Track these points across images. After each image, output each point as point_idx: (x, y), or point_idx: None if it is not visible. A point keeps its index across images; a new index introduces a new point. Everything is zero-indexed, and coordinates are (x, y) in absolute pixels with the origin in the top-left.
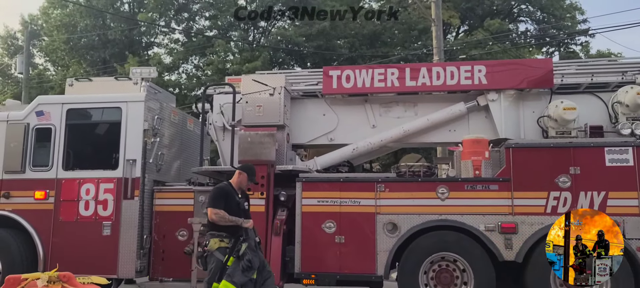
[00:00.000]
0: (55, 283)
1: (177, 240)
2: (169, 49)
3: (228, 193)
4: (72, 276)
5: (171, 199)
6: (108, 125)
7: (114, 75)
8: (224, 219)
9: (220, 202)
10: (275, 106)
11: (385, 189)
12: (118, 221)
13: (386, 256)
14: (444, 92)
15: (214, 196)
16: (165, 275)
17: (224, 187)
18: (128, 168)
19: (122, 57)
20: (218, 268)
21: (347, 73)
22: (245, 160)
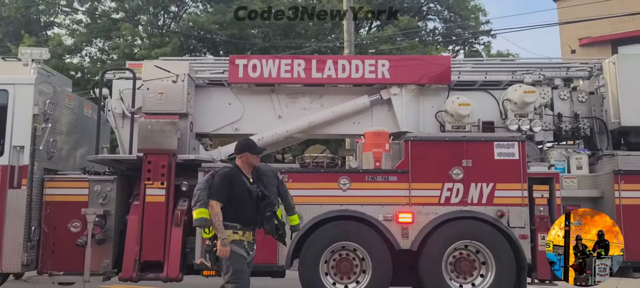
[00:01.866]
0: None
1: (69, 231)
2: (71, 30)
3: (233, 180)
4: None
5: (63, 189)
6: None
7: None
8: (215, 222)
9: (223, 192)
10: (178, 94)
11: (289, 180)
12: (2, 211)
13: (287, 246)
14: (349, 85)
15: (217, 185)
16: (55, 268)
17: (230, 172)
18: (15, 155)
19: (17, 36)
20: (240, 263)
21: (253, 62)
22: (145, 149)
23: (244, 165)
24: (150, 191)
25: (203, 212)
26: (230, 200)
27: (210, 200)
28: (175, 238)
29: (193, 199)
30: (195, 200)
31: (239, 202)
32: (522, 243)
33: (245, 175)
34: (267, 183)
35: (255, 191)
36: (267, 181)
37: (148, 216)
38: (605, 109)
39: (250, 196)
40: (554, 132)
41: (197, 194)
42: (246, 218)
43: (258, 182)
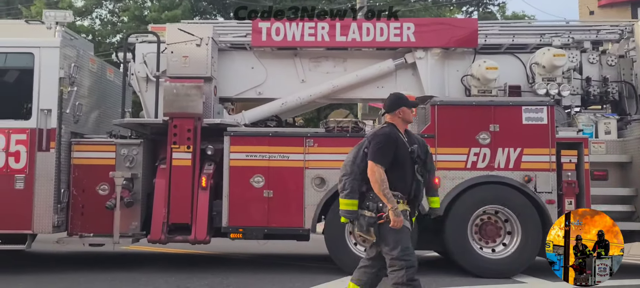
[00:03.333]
0: None
1: (98, 194)
2: None
3: (398, 140)
4: None
5: (91, 152)
6: (18, 72)
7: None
8: (383, 189)
9: (388, 155)
10: (203, 57)
11: (314, 144)
12: (32, 174)
13: (314, 210)
14: (373, 49)
15: (380, 146)
16: (84, 230)
17: (392, 132)
18: (42, 118)
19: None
20: (407, 237)
21: (276, 26)
22: (171, 112)
23: (400, 123)
24: (176, 155)
25: (352, 204)
26: (392, 164)
27: (372, 164)
28: (202, 201)
29: (339, 185)
30: (341, 187)
31: (400, 167)
32: (549, 208)
33: (402, 136)
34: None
35: (416, 153)
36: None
37: (175, 179)
38: (635, 73)
39: (411, 160)
40: (582, 97)
41: (344, 181)
42: (405, 185)
43: (414, 143)
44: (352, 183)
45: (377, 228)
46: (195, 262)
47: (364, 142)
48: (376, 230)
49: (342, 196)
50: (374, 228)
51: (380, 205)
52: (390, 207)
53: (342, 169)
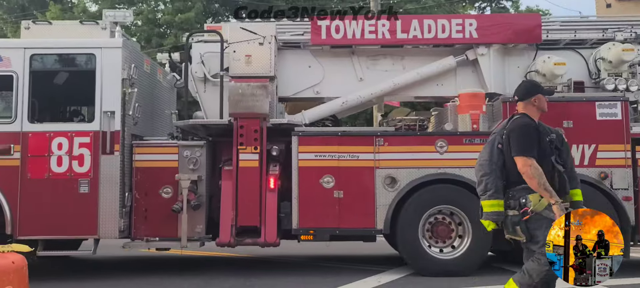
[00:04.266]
0: None
1: (161, 197)
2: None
3: (539, 129)
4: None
5: (153, 155)
6: (80, 73)
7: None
8: (543, 183)
9: (534, 146)
10: (265, 56)
11: (385, 143)
12: (97, 178)
13: (386, 210)
14: (431, 46)
15: (524, 137)
16: (148, 234)
17: (530, 122)
18: (105, 121)
19: (42, 3)
20: None
21: (336, 24)
22: (237, 113)
23: (534, 112)
24: (243, 156)
25: (498, 204)
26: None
27: (523, 159)
28: (270, 203)
29: (479, 187)
30: (483, 188)
31: (542, 158)
32: (626, 205)
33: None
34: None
35: (554, 142)
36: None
37: (242, 181)
38: None
39: (550, 150)
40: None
41: (485, 181)
42: (549, 177)
43: (549, 135)
44: (495, 182)
45: (525, 225)
46: (217, 265)
47: (495, 138)
48: (523, 228)
49: (485, 197)
50: (522, 227)
51: (522, 201)
52: (553, 202)
53: (478, 169)
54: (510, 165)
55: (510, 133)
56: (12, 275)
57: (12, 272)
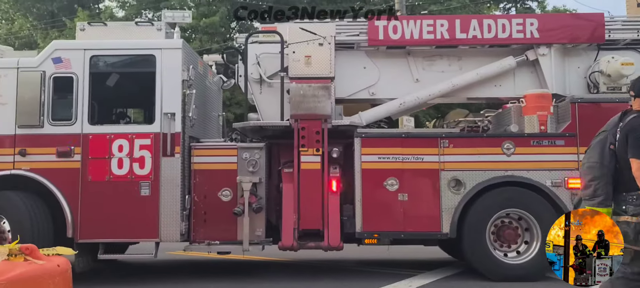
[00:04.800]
0: (17, 256)
1: (220, 200)
2: (121, 2)
3: None
4: (35, 248)
5: (212, 157)
6: (140, 74)
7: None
8: None
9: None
10: (325, 57)
11: (449, 145)
12: (157, 180)
13: (451, 214)
14: (487, 46)
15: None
16: (208, 238)
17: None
18: (166, 122)
19: (71, 10)
20: None
21: (394, 24)
22: (298, 114)
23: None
24: (305, 158)
25: (606, 213)
26: None
27: (635, 160)
28: (333, 206)
29: (585, 190)
30: (591, 193)
31: None
32: None
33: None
34: None
35: None
36: None
37: (304, 184)
38: None
39: None
40: None
41: (594, 186)
42: None
43: None
44: (606, 188)
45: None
46: (245, 269)
47: (605, 138)
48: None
49: (593, 204)
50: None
51: (635, 209)
52: None
53: (587, 173)
54: (625, 167)
55: (630, 132)
56: (58, 278)
57: (57, 275)
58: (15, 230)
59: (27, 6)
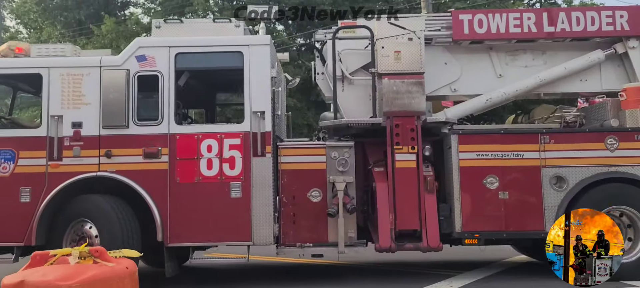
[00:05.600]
0: (87, 258)
1: (309, 201)
2: (146, 8)
3: None
4: (104, 251)
5: (299, 156)
6: (227, 72)
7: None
8: None
9: None
10: (415, 52)
11: (551, 141)
12: (248, 181)
13: (555, 211)
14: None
15: None
16: (297, 240)
17: None
18: (255, 121)
19: (97, 17)
20: None
21: (479, 17)
22: (392, 111)
23: None
24: (400, 157)
25: None
26: None
27: None
28: (430, 205)
29: None
30: None
31: None
32: None
33: None
34: None
35: None
36: None
37: (399, 183)
38: None
39: None
40: None
41: None
42: None
43: None
44: None
45: None
46: (285, 272)
47: None
48: None
49: None
50: None
51: None
52: None
53: None
54: None
55: None
56: (126, 280)
57: (126, 277)
58: (105, 237)
59: (55, 15)
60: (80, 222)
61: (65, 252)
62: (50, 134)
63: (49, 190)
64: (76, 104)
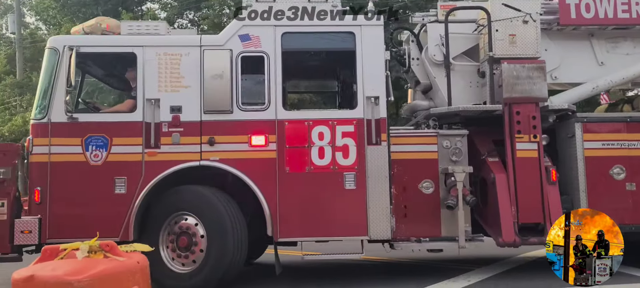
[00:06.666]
0: (97, 252)
1: (421, 193)
2: (163, 3)
3: None
4: (114, 245)
5: (411, 145)
6: (337, 54)
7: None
8: None
9: None
10: (531, 35)
11: None
12: (363, 171)
13: None
14: None
15: None
16: (409, 234)
17: None
18: (369, 107)
19: (115, 13)
20: None
21: (586, 2)
22: (512, 97)
23: None
24: (521, 146)
25: None
26: None
27: None
28: (553, 197)
29: None
30: None
31: None
32: None
33: None
34: None
35: None
36: None
37: (520, 174)
38: None
39: None
40: None
41: None
42: None
43: None
44: None
45: None
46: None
47: None
48: None
49: None
50: None
51: None
52: None
53: None
54: None
55: None
56: (138, 275)
57: (137, 272)
58: (213, 235)
59: (74, 11)
60: (179, 215)
61: (75, 246)
62: (147, 119)
63: (146, 181)
64: (174, 87)
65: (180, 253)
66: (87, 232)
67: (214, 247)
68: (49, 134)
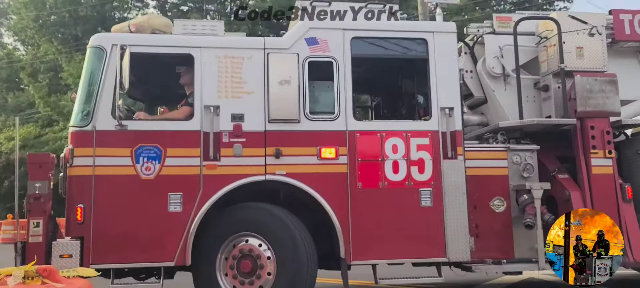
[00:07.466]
0: (34, 278)
1: (492, 211)
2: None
3: None
4: (54, 270)
5: (481, 160)
6: (409, 61)
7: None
8: None
9: None
10: (598, 48)
11: None
12: (440, 187)
13: None
14: None
15: None
16: (482, 255)
17: None
18: (443, 119)
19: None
20: None
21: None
22: (586, 111)
23: None
24: (596, 161)
25: None
26: None
27: None
28: (630, 216)
29: None
30: None
31: None
32: None
33: None
34: None
35: None
36: None
37: (596, 191)
38: None
39: None
40: None
41: None
42: None
43: None
44: None
45: None
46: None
47: None
48: None
49: None
50: None
51: None
52: None
53: None
54: None
55: None
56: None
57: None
58: (282, 259)
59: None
60: (238, 237)
61: (7, 271)
62: (205, 129)
63: (205, 197)
64: (236, 93)
65: (242, 279)
66: (137, 255)
67: (286, 266)
68: (93, 144)
